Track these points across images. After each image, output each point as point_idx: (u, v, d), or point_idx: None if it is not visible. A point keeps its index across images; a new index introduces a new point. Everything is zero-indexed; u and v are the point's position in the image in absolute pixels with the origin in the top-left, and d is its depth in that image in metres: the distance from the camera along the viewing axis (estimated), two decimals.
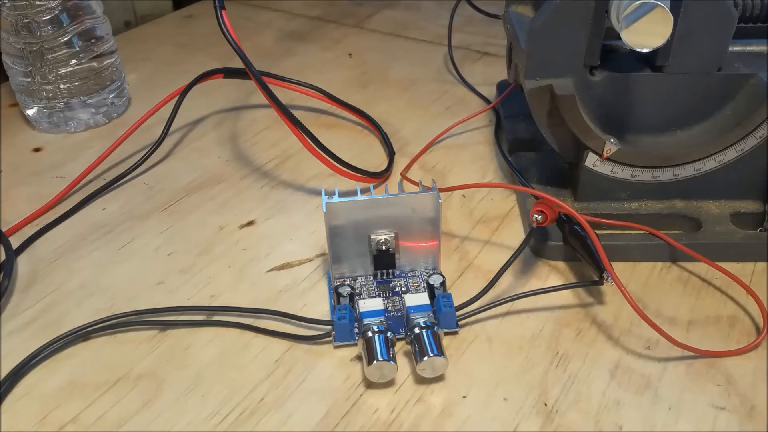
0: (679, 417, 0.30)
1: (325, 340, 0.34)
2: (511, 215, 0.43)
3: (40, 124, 0.54)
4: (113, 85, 0.55)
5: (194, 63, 0.63)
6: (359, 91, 0.58)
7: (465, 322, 0.35)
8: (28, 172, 0.49)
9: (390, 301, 0.36)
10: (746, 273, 0.38)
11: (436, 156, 0.49)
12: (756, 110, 0.36)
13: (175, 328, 0.36)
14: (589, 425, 0.30)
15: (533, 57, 0.36)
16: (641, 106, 0.38)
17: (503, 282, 0.38)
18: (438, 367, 0.32)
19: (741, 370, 0.32)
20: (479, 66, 0.62)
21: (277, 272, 0.39)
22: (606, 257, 0.34)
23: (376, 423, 0.31)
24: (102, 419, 0.31)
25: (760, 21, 0.38)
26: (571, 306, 0.36)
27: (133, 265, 0.40)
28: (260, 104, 0.57)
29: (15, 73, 0.52)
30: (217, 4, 0.39)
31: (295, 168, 0.49)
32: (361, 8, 0.76)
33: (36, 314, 0.37)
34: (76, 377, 0.33)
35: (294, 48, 0.67)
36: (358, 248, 0.36)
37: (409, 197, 0.35)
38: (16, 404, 0.32)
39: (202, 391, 0.32)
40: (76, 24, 0.51)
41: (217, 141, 0.52)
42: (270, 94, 0.40)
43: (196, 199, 0.46)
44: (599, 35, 0.35)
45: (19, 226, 0.43)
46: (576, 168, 0.40)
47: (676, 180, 0.39)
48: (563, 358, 0.33)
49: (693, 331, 0.35)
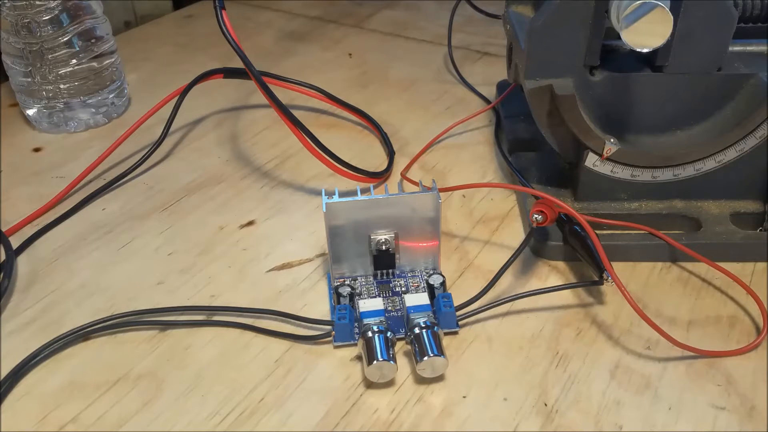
0: (679, 417, 0.30)
1: (325, 340, 0.34)
2: (511, 215, 0.43)
3: (40, 124, 0.54)
4: (113, 85, 0.55)
5: (194, 63, 0.63)
6: (359, 91, 0.58)
7: (465, 322, 0.35)
8: (28, 172, 0.49)
9: (390, 301, 0.36)
10: (746, 273, 0.38)
11: (436, 156, 0.49)
12: (756, 110, 0.36)
13: (175, 328, 0.36)
14: (589, 425, 0.30)
15: (533, 57, 0.36)
16: (641, 106, 0.38)
17: (503, 282, 0.38)
18: (438, 367, 0.32)
19: (741, 370, 0.32)
20: (479, 66, 0.62)
21: (277, 272, 0.39)
22: (606, 257, 0.34)
23: (376, 423, 0.31)
24: (102, 419, 0.31)
25: (760, 21, 0.38)
26: (571, 306, 0.36)
27: (133, 265, 0.40)
28: (260, 104, 0.57)
29: (15, 73, 0.52)
30: (217, 4, 0.39)
31: (295, 168, 0.49)
32: (361, 8, 0.76)
33: (36, 314, 0.37)
34: (76, 377, 0.33)
35: (294, 48, 0.67)
36: (358, 248, 0.36)
37: (409, 197, 0.35)
38: (16, 404, 0.32)
39: (202, 391, 0.32)
40: (76, 24, 0.51)
41: (217, 141, 0.52)
42: (270, 94, 0.40)
43: (196, 199, 0.46)
44: (599, 35, 0.35)
45: (19, 226, 0.43)
46: (576, 168, 0.40)
47: (676, 180, 0.39)
48: (563, 358, 0.33)
49: (693, 331, 0.35)
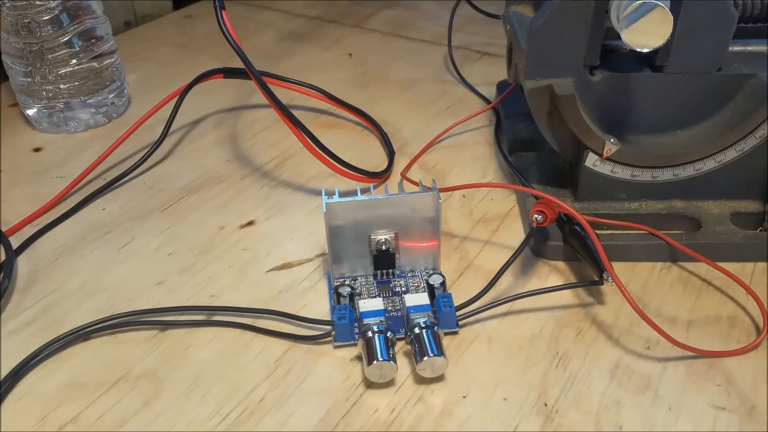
0: (679, 417, 0.30)
1: (325, 340, 0.34)
2: (511, 215, 0.43)
3: (40, 124, 0.54)
4: (113, 85, 0.55)
5: (194, 63, 0.63)
6: (359, 91, 0.58)
7: (465, 322, 0.35)
8: (28, 172, 0.49)
9: (390, 301, 0.36)
10: (746, 273, 0.38)
11: (436, 156, 0.49)
12: (756, 110, 0.36)
13: (175, 328, 0.36)
14: (589, 425, 0.30)
15: (533, 57, 0.36)
16: (641, 105, 0.38)
17: (503, 282, 0.38)
18: (438, 367, 0.32)
19: (741, 370, 0.32)
20: (479, 66, 0.62)
21: (277, 272, 0.39)
22: (606, 257, 0.34)
23: (376, 423, 0.31)
24: (102, 419, 0.31)
25: (760, 21, 0.38)
26: (571, 306, 0.36)
27: (133, 265, 0.40)
28: (260, 104, 0.57)
29: (15, 73, 0.52)
30: (217, 4, 0.39)
31: (295, 168, 0.49)
32: (361, 8, 0.76)
33: (36, 314, 0.37)
34: (76, 377, 0.33)
35: (294, 48, 0.67)
36: (358, 248, 0.36)
37: (409, 197, 0.35)
38: (16, 404, 0.32)
39: (202, 391, 0.32)
40: (76, 24, 0.51)
41: (217, 141, 0.52)
42: (270, 94, 0.40)
43: (196, 199, 0.46)
44: (599, 35, 0.35)
45: (19, 226, 0.43)
46: (576, 168, 0.40)
47: (676, 180, 0.39)
48: (563, 358, 0.33)
49: (693, 331, 0.35)
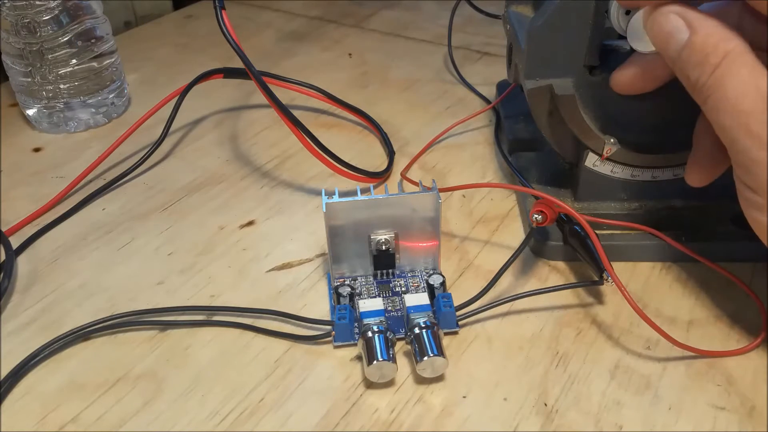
0: (679, 417, 0.30)
1: (325, 340, 0.34)
2: (511, 215, 0.43)
3: (40, 124, 0.54)
4: (113, 85, 0.55)
5: (194, 63, 0.63)
6: (359, 91, 0.58)
7: (465, 322, 0.35)
8: (28, 172, 0.49)
9: (390, 301, 0.36)
10: (746, 273, 0.38)
11: (436, 156, 0.49)
12: None
13: (175, 328, 0.36)
14: (589, 425, 0.30)
15: (533, 57, 0.36)
16: (641, 105, 0.38)
17: (503, 282, 0.38)
18: (438, 367, 0.32)
19: (741, 370, 0.32)
20: (479, 66, 0.62)
21: (277, 272, 0.39)
22: (606, 257, 0.34)
23: (376, 423, 0.31)
24: (102, 419, 0.31)
25: None
26: (571, 306, 0.36)
27: (133, 265, 0.40)
28: (260, 104, 0.57)
29: (15, 73, 0.52)
30: (217, 4, 0.39)
31: (295, 168, 0.49)
32: (361, 8, 0.76)
33: (36, 314, 0.37)
34: (76, 377, 0.33)
35: (294, 48, 0.67)
36: (358, 248, 0.36)
37: (409, 197, 0.35)
38: (16, 404, 0.32)
39: (202, 391, 0.32)
40: (76, 24, 0.51)
41: (217, 141, 0.52)
42: (270, 94, 0.40)
43: (196, 199, 0.46)
44: (599, 35, 0.35)
45: (19, 226, 0.43)
46: (576, 168, 0.40)
47: (676, 180, 0.39)
48: (563, 358, 0.33)
49: (693, 331, 0.35)
